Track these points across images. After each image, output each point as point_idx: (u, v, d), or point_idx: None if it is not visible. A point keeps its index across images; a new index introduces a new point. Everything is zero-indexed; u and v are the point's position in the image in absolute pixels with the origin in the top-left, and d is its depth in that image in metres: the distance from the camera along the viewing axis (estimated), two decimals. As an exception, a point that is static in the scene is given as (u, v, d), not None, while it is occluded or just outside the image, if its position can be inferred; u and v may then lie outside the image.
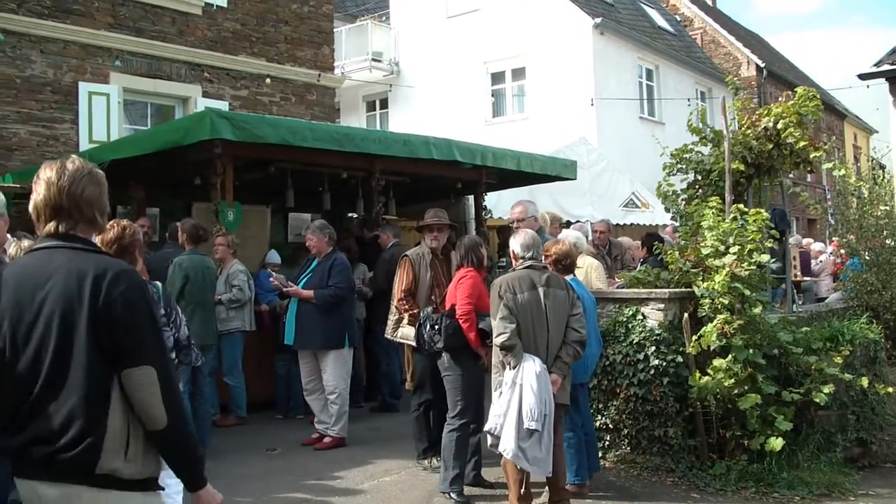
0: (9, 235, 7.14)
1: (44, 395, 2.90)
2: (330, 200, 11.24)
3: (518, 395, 5.86)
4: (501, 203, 14.13)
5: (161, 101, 14.77)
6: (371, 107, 27.79)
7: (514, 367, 5.95)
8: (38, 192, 3.04)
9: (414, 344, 7.46)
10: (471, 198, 13.39)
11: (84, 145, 12.84)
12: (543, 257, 6.59)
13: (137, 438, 2.94)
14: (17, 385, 2.93)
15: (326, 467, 7.67)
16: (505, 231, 11.88)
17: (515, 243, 6.44)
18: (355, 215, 12.74)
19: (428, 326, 7.06)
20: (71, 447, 2.85)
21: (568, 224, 11.99)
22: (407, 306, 7.76)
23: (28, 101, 12.81)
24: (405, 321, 7.80)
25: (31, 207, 3.06)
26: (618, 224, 15.82)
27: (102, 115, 13.42)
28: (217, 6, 15.17)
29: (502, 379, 6.04)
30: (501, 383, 6.03)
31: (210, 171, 9.27)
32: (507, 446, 5.89)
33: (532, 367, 5.91)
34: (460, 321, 6.82)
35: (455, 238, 8.47)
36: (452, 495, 6.79)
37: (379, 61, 25.74)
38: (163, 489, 3.16)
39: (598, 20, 22.87)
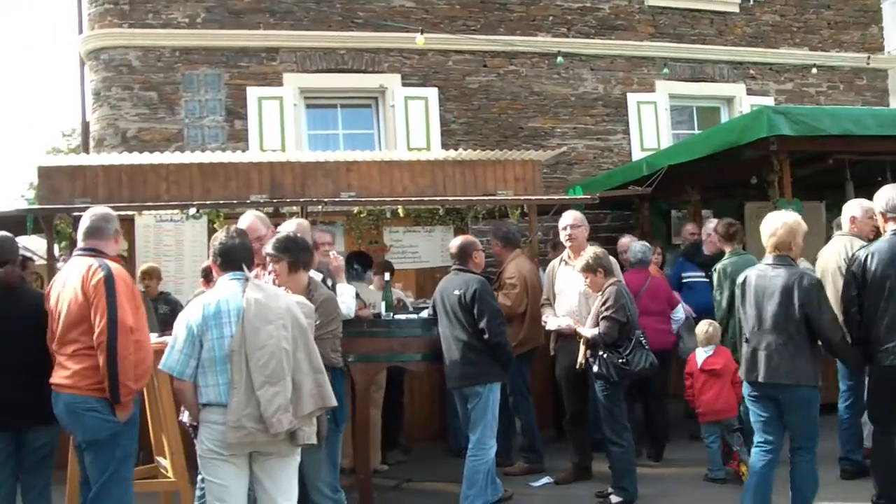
0: (588, 243, 7.41)
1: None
2: (888, 191, 10.46)
3: None
4: None
5: (705, 104, 14.98)
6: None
7: None
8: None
9: None
10: None
11: (636, 154, 13.49)
12: None
13: None
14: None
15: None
16: None
17: None
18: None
19: None
20: None
21: None
22: None
23: (583, 117, 13.77)
24: None
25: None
26: None
27: (651, 123, 13.99)
28: (754, 1, 15.01)
29: None
30: None
31: (766, 168, 9.14)
32: None
33: None
34: None
35: None
36: None
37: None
38: None
39: None
